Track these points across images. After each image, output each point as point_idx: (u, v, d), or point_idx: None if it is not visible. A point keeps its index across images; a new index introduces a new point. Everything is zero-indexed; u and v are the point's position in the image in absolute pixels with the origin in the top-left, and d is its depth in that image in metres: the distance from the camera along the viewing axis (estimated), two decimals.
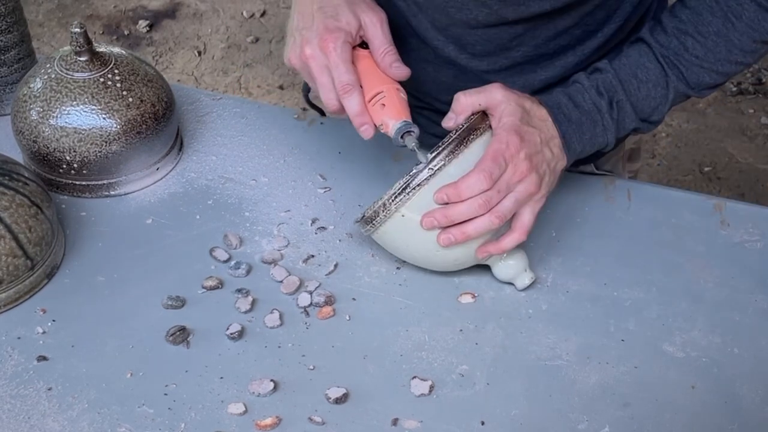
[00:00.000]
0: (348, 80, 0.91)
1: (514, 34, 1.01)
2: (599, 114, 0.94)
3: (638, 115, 0.96)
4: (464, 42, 1.03)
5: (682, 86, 0.96)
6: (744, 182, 2.44)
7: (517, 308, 0.94)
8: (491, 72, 1.04)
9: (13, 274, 0.90)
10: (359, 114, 0.91)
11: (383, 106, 0.91)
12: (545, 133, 0.92)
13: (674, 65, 0.95)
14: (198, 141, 1.13)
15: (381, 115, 0.91)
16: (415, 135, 0.91)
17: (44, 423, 0.82)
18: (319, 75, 0.92)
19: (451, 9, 1.00)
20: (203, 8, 3.02)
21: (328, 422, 0.83)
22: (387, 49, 0.93)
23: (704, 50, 0.94)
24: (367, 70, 0.94)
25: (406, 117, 0.91)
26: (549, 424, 0.84)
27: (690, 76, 0.95)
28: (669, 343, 0.92)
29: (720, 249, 1.01)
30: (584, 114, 0.94)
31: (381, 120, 0.91)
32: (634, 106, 0.96)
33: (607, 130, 0.95)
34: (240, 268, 0.96)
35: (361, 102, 0.91)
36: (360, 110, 0.91)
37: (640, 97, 0.95)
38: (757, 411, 0.86)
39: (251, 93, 2.68)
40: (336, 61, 0.91)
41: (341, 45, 0.91)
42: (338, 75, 0.91)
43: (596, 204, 1.06)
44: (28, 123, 1.01)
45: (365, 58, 0.94)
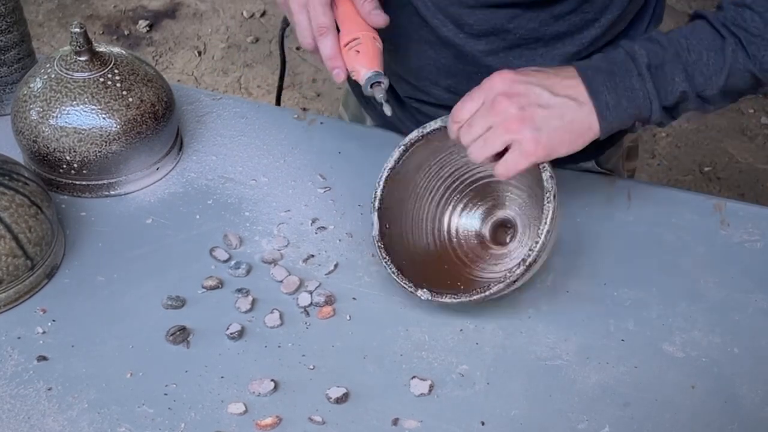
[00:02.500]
0: (324, 22, 0.91)
1: (511, 15, 1.00)
2: (634, 63, 0.86)
3: (689, 78, 0.87)
4: (462, 22, 1.03)
5: (741, 56, 0.87)
6: (744, 182, 2.44)
7: (517, 308, 0.94)
8: (489, 53, 1.04)
9: (13, 274, 0.90)
10: (332, 57, 0.91)
11: (357, 52, 0.91)
12: (550, 77, 0.86)
13: (732, 32, 0.87)
14: (198, 141, 1.13)
15: (354, 62, 0.91)
16: (383, 86, 0.91)
17: (44, 423, 0.82)
18: (297, 12, 0.92)
19: None
20: (203, 8, 3.02)
21: (329, 422, 0.83)
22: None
23: (763, 22, 0.86)
24: (346, 14, 0.94)
25: (378, 67, 0.92)
26: (549, 424, 0.84)
27: (750, 47, 0.87)
28: (669, 343, 0.92)
29: (720, 249, 1.01)
30: (615, 64, 0.87)
31: (353, 66, 0.91)
32: (684, 66, 0.87)
33: (645, 80, 0.86)
34: (240, 268, 0.96)
35: (336, 45, 0.91)
36: (333, 53, 0.91)
37: (692, 59, 0.87)
38: (757, 411, 0.86)
39: (251, 93, 2.68)
40: (314, 2, 0.91)
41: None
42: (315, 15, 0.91)
43: (596, 204, 1.06)
44: (28, 123, 1.01)
45: (347, 2, 0.94)
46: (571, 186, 1.07)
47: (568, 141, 0.86)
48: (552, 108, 0.85)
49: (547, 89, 0.85)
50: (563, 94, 0.86)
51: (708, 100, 0.90)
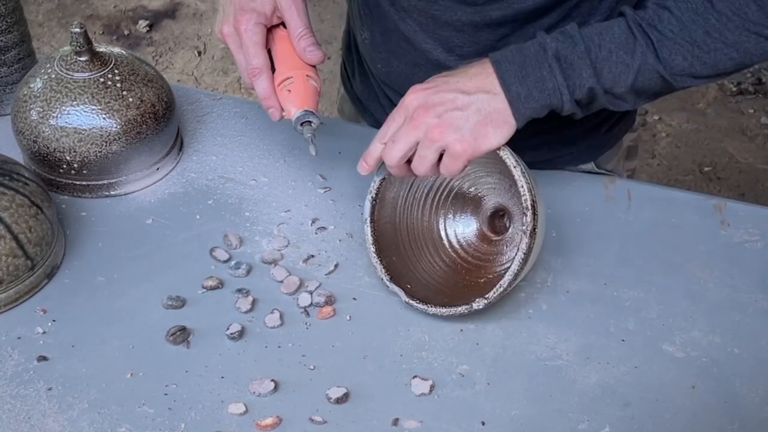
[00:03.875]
0: (256, 63, 0.93)
1: (500, 35, 1.01)
2: (544, 54, 0.87)
3: (597, 74, 0.88)
4: (452, 44, 1.03)
5: (651, 57, 0.87)
6: (744, 182, 2.44)
7: (517, 308, 0.94)
8: None
9: (13, 274, 0.90)
10: (266, 97, 0.94)
11: (289, 92, 0.93)
12: (460, 78, 0.88)
13: (645, 33, 0.88)
14: (198, 141, 1.13)
15: (286, 102, 0.93)
16: (314, 125, 0.92)
17: (44, 423, 0.82)
18: (236, 53, 0.95)
19: (435, 11, 1.00)
20: (203, 8, 3.02)
21: (329, 422, 0.83)
22: (302, 32, 0.94)
23: (680, 25, 0.87)
24: (283, 52, 0.95)
25: (309, 106, 0.92)
26: (549, 424, 0.84)
27: (661, 49, 0.87)
28: (669, 343, 0.92)
29: (720, 249, 1.02)
30: (528, 56, 0.87)
31: (285, 107, 0.93)
32: (593, 62, 0.87)
33: (554, 72, 0.87)
34: (240, 268, 0.96)
35: (269, 86, 0.93)
36: (266, 94, 0.94)
37: (601, 56, 0.87)
38: (757, 411, 0.86)
39: (251, 93, 2.68)
40: (246, 43, 0.93)
41: (252, 26, 0.93)
42: (248, 57, 0.94)
43: (596, 204, 1.06)
44: (28, 123, 1.01)
45: (284, 39, 0.96)
46: (571, 186, 1.07)
47: (492, 132, 0.87)
48: (468, 107, 0.86)
49: (459, 91, 0.87)
50: (475, 90, 0.87)
51: (620, 97, 0.90)
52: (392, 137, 0.88)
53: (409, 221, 0.98)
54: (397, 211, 0.98)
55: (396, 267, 0.95)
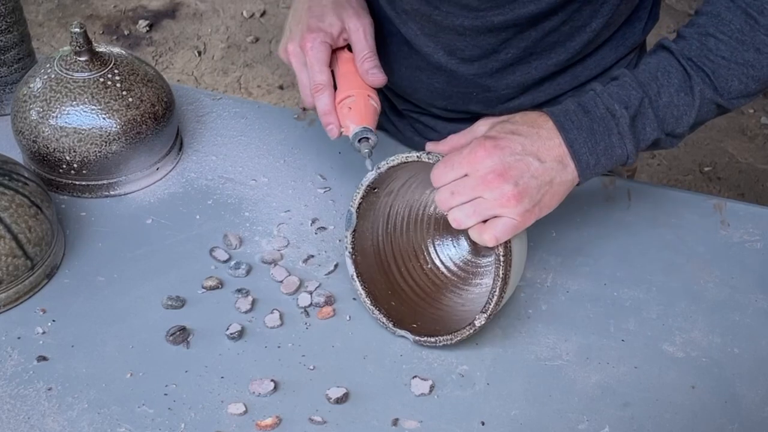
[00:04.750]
0: (320, 80, 0.94)
1: (502, 39, 1.01)
2: (614, 120, 0.84)
3: (660, 124, 0.86)
4: (453, 48, 1.03)
5: (709, 91, 0.85)
6: (744, 182, 2.44)
7: (517, 308, 0.94)
8: (482, 75, 1.04)
9: (13, 274, 0.90)
10: (326, 114, 0.94)
11: (350, 109, 0.94)
12: (534, 141, 0.83)
13: (699, 68, 0.85)
14: (198, 141, 1.13)
15: (345, 118, 0.94)
16: (371, 142, 0.92)
17: (44, 423, 0.82)
18: (299, 71, 0.97)
19: (437, 17, 1.00)
20: (203, 8, 3.02)
21: (329, 422, 0.83)
22: (366, 55, 0.96)
23: (729, 50, 0.85)
24: (346, 72, 0.97)
25: (368, 123, 0.93)
26: (549, 424, 0.84)
27: (718, 80, 0.85)
28: (669, 343, 0.92)
29: (720, 249, 1.02)
30: (596, 121, 0.84)
31: (344, 122, 0.94)
32: (656, 112, 0.85)
33: (625, 139, 0.84)
34: (240, 268, 0.96)
35: (330, 102, 0.94)
36: (327, 110, 0.94)
37: (662, 103, 0.85)
38: (757, 411, 0.86)
39: (251, 93, 2.68)
40: (311, 61, 0.95)
41: (318, 45, 0.94)
42: (312, 74, 0.95)
43: (596, 204, 1.06)
44: (27, 123, 1.01)
45: (348, 61, 0.98)
46: None
47: (553, 203, 0.84)
48: (541, 176, 0.82)
49: (536, 157, 0.82)
50: (550, 159, 0.83)
51: (678, 136, 0.88)
52: (453, 188, 0.82)
53: (396, 258, 0.95)
54: (381, 255, 0.95)
55: (397, 310, 0.92)
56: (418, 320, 0.91)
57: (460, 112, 1.10)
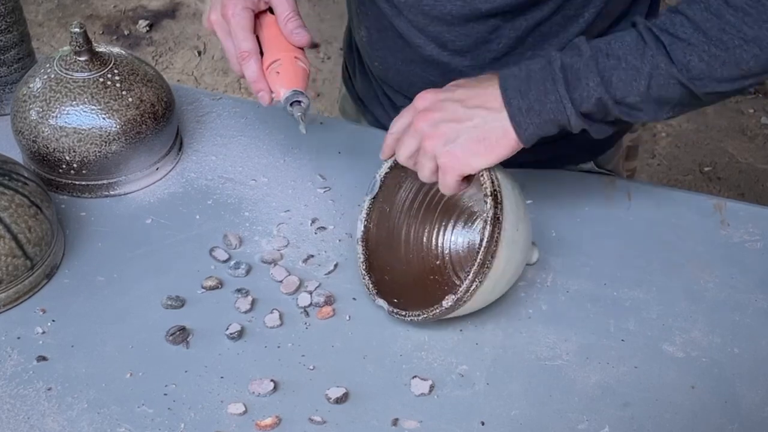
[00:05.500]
0: (245, 47, 0.94)
1: (492, 27, 1.00)
2: (549, 66, 0.85)
3: (605, 83, 0.84)
4: (444, 39, 1.03)
5: (663, 60, 0.83)
6: (744, 182, 2.44)
7: (517, 308, 0.94)
8: (475, 68, 1.04)
9: (12, 274, 0.90)
10: (255, 81, 0.94)
11: (278, 73, 0.93)
12: (469, 90, 0.87)
13: (655, 37, 0.84)
14: (198, 141, 1.13)
15: (275, 83, 0.94)
16: (304, 105, 0.93)
17: (44, 423, 0.82)
18: (224, 40, 0.96)
19: (425, 6, 1.00)
20: (203, 8, 3.01)
21: (328, 422, 0.83)
22: (289, 15, 0.95)
23: (692, 27, 0.82)
24: (271, 36, 0.96)
25: (298, 86, 0.93)
26: (549, 424, 0.84)
27: (674, 51, 0.83)
28: (669, 343, 0.92)
29: (720, 249, 1.01)
30: (533, 70, 0.86)
31: (273, 87, 0.94)
32: (600, 71, 0.84)
33: (557, 84, 0.84)
34: (240, 268, 0.96)
35: (258, 69, 0.94)
36: (256, 77, 0.94)
37: (609, 64, 0.84)
38: (757, 411, 0.86)
39: (251, 93, 2.68)
40: (235, 29, 0.94)
41: (240, 11, 0.94)
42: (237, 42, 0.94)
43: (596, 204, 1.06)
44: (27, 123, 1.01)
45: (272, 24, 0.96)
46: (571, 186, 1.07)
47: (484, 149, 0.85)
48: (463, 120, 0.85)
49: (460, 103, 0.86)
50: (474, 104, 0.86)
51: (635, 107, 0.86)
52: (400, 137, 0.89)
53: (406, 237, 0.97)
54: (392, 229, 0.97)
55: (386, 284, 0.93)
56: (403, 297, 0.92)
57: None
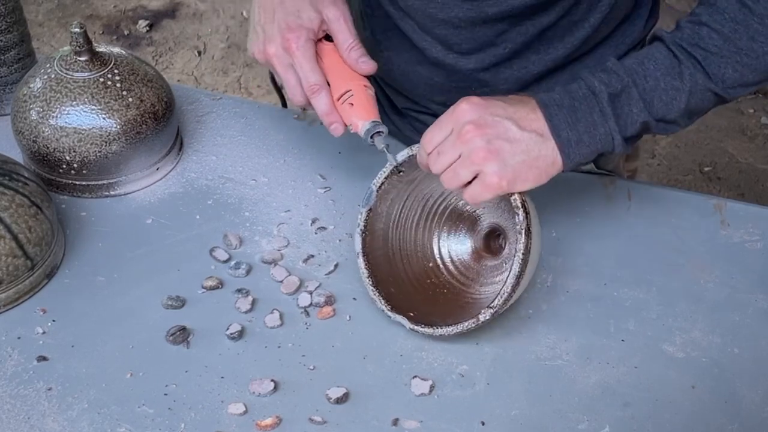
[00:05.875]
0: (315, 80, 0.92)
1: (498, 31, 1.00)
2: (594, 98, 0.85)
3: (647, 106, 0.86)
4: (450, 42, 1.03)
5: (701, 77, 0.85)
6: (744, 182, 2.44)
7: (517, 308, 0.94)
8: (480, 70, 1.04)
9: (13, 274, 0.90)
10: (328, 114, 0.92)
11: (351, 105, 0.92)
12: (518, 110, 0.85)
13: (689, 54, 0.86)
14: (198, 141, 1.13)
15: (350, 115, 0.92)
16: (383, 135, 0.91)
17: (44, 423, 0.82)
18: (284, 73, 0.93)
19: (432, 9, 1.00)
20: (203, 8, 3.02)
21: (329, 422, 0.83)
22: (352, 44, 0.93)
23: (722, 38, 0.84)
24: (333, 65, 0.94)
25: (375, 116, 0.92)
26: (549, 424, 0.84)
27: (709, 66, 0.85)
28: (669, 343, 0.92)
29: (720, 249, 1.01)
30: (577, 100, 0.85)
31: (350, 120, 0.92)
32: (641, 95, 0.86)
33: (606, 117, 0.85)
34: (240, 268, 0.96)
35: (329, 101, 0.92)
36: (329, 110, 0.92)
37: (648, 86, 0.85)
38: (757, 411, 0.86)
39: (251, 93, 2.68)
40: (301, 61, 0.92)
41: (304, 44, 0.92)
42: (304, 75, 0.92)
43: (596, 204, 1.06)
44: (28, 123, 1.01)
45: (331, 53, 0.95)
46: (571, 186, 1.07)
47: (533, 176, 0.85)
48: (518, 142, 0.83)
49: (514, 123, 0.84)
50: (529, 128, 0.84)
51: (672, 122, 0.88)
52: (439, 148, 0.85)
53: (402, 247, 0.96)
54: (389, 240, 0.96)
55: (395, 297, 0.92)
56: (414, 311, 0.91)
57: None
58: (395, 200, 0.95)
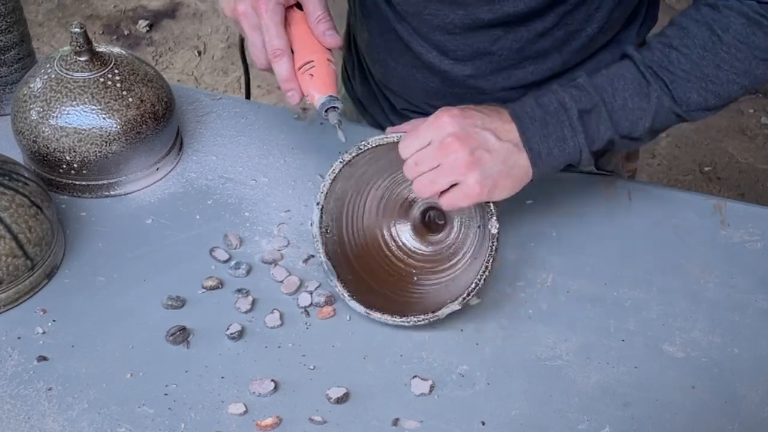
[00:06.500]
0: (279, 44, 0.91)
1: (493, 38, 1.00)
2: (566, 113, 0.87)
3: (614, 125, 0.89)
4: (446, 48, 1.03)
5: (667, 100, 0.89)
6: (744, 182, 2.44)
7: (517, 308, 0.94)
8: (476, 77, 1.04)
9: (13, 274, 0.90)
10: (287, 80, 0.92)
11: (311, 76, 0.91)
12: (494, 120, 0.86)
13: (658, 77, 0.89)
14: (198, 141, 1.13)
15: (308, 86, 0.91)
16: (338, 111, 0.91)
17: (44, 423, 0.82)
18: (251, 33, 0.92)
19: (427, 15, 1.00)
20: (203, 8, 3.02)
21: (329, 422, 0.83)
22: (320, 15, 0.93)
23: (690, 64, 0.88)
24: (300, 34, 0.93)
25: (332, 91, 0.91)
26: (549, 424, 0.84)
27: (676, 90, 0.89)
28: (669, 343, 0.92)
29: (720, 249, 1.02)
30: (549, 113, 0.88)
31: (308, 91, 0.92)
32: (610, 114, 0.88)
33: (576, 132, 0.88)
34: (240, 268, 0.96)
35: (290, 68, 0.91)
36: (288, 76, 0.91)
37: (617, 105, 0.88)
38: (757, 411, 0.86)
39: (251, 93, 2.68)
40: (267, 24, 0.91)
41: (273, 6, 0.91)
42: (269, 38, 0.91)
43: (596, 204, 1.06)
44: (28, 123, 1.01)
45: (300, 21, 0.94)
46: (571, 186, 1.07)
47: (509, 186, 0.87)
48: (497, 152, 0.85)
49: (493, 133, 0.86)
50: (506, 138, 0.86)
51: (636, 139, 0.91)
52: (416, 158, 0.86)
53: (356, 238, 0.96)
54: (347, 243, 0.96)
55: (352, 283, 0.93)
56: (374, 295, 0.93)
57: None
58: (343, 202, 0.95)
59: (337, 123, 0.91)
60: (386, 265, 0.97)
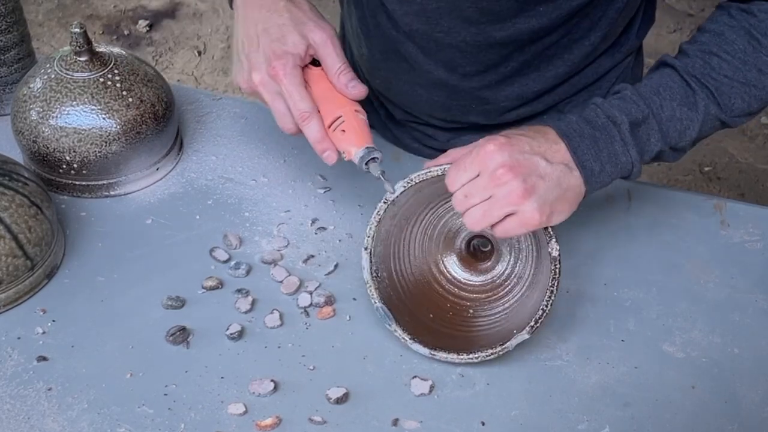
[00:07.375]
0: (304, 107, 0.88)
1: (504, 55, 1.00)
2: (615, 128, 0.85)
3: (664, 137, 0.87)
4: (454, 64, 1.02)
5: (713, 107, 0.87)
6: (744, 182, 2.44)
7: None
8: (482, 88, 1.04)
9: (13, 274, 0.90)
10: (320, 141, 0.89)
11: (343, 132, 0.89)
12: (542, 143, 0.83)
13: (702, 84, 0.87)
14: (198, 141, 1.13)
15: (342, 142, 0.89)
16: (378, 161, 0.88)
17: (44, 423, 0.82)
18: (273, 102, 0.90)
19: (438, 34, 0.99)
20: (203, 8, 3.02)
21: (329, 422, 0.83)
22: (341, 68, 0.90)
23: (732, 69, 0.86)
24: (322, 91, 0.91)
25: (368, 142, 0.89)
26: (549, 424, 0.84)
27: (721, 97, 0.87)
28: (669, 343, 0.92)
29: (720, 249, 1.02)
30: (598, 129, 0.85)
31: (343, 147, 0.89)
32: (659, 125, 0.86)
33: (628, 146, 0.85)
34: (240, 268, 0.96)
35: (321, 128, 0.89)
36: (320, 137, 0.89)
37: (665, 116, 0.86)
38: (757, 411, 0.86)
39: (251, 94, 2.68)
40: (289, 89, 0.88)
41: (291, 70, 0.88)
42: (293, 103, 0.88)
43: (596, 204, 1.06)
44: (28, 123, 1.01)
45: (320, 78, 0.91)
46: None
47: (567, 209, 0.84)
48: (549, 177, 0.82)
49: (542, 157, 0.82)
50: (556, 160, 0.83)
51: (682, 150, 0.90)
52: (466, 191, 0.82)
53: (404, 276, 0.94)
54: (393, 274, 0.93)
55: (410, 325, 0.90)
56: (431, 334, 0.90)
57: (460, 122, 1.10)
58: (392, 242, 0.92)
59: (381, 174, 0.87)
60: (440, 302, 0.94)
